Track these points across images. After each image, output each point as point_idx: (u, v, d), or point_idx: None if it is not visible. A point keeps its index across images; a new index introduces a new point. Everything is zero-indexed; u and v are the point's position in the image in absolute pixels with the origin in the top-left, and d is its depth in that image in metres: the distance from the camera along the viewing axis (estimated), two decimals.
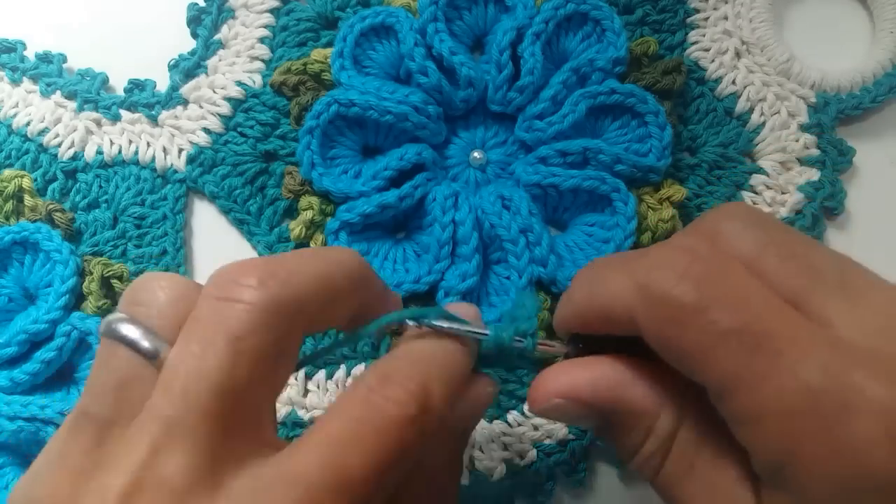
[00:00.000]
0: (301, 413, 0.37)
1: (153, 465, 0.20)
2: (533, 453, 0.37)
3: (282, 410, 0.37)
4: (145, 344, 0.22)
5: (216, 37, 0.42)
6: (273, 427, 0.23)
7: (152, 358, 0.22)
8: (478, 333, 0.25)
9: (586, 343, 0.26)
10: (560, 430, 0.37)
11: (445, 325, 0.25)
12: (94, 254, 0.39)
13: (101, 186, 0.41)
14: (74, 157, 0.41)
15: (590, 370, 0.25)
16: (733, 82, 0.41)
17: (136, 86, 0.42)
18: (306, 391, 0.38)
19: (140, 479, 0.20)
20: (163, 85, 0.42)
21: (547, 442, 0.37)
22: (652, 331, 0.23)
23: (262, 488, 0.20)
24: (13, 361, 0.37)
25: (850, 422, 0.20)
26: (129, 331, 0.22)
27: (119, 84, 0.42)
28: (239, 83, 0.41)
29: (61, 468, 0.21)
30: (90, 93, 0.41)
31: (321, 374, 0.38)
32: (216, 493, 0.20)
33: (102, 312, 0.38)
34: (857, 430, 0.20)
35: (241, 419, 0.21)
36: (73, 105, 0.41)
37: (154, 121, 0.41)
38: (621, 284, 0.23)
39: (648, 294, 0.22)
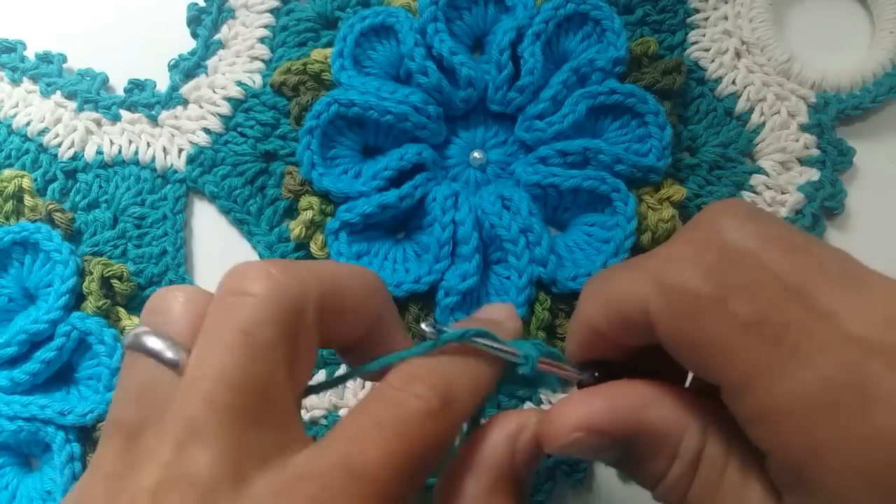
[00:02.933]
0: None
1: (179, 463, 0.20)
2: None
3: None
4: (168, 354, 0.22)
5: (216, 37, 0.42)
6: (298, 424, 0.23)
7: (174, 366, 0.22)
8: (509, 353, 0.25)
9: (600, 372, 0.25)
10: None
11: (481, 342, 0.24)
12: (94, 254, 0.39)
13: (101, 186, 0.41)
14: (74, 157, 0.41)
15: (606, 396, 0.24)
16: (733, 82, 0.41)
17: (136, 86, 0.42)
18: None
19: (167, 477, 0.20)
20: (163, 85, 0.42)
21: None
22: (667, 324, 0.22)
23: (283, 485, 0.20)
24: (13, 361, 0.37)
25: (872, 413, 0.20)
26: (153, 342, 0.22)
27: (119, 84, 0.42)
28: (239, 83, 0.41)
29: (96, 474, 0.21)
30: (90, 93, 0.41)
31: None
32: (240, 488, 0.20)
33: (102, 312, 0.38)
34: (879, 421, 0.19)
35: (262, 415, 0.21)
36: (73, 105, 0.41)
37: (154, 121, 0.41)
38: (634, 281, 0.23)
39: (663, 286, 0.22)
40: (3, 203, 0.39)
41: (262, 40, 0.42)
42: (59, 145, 0.41)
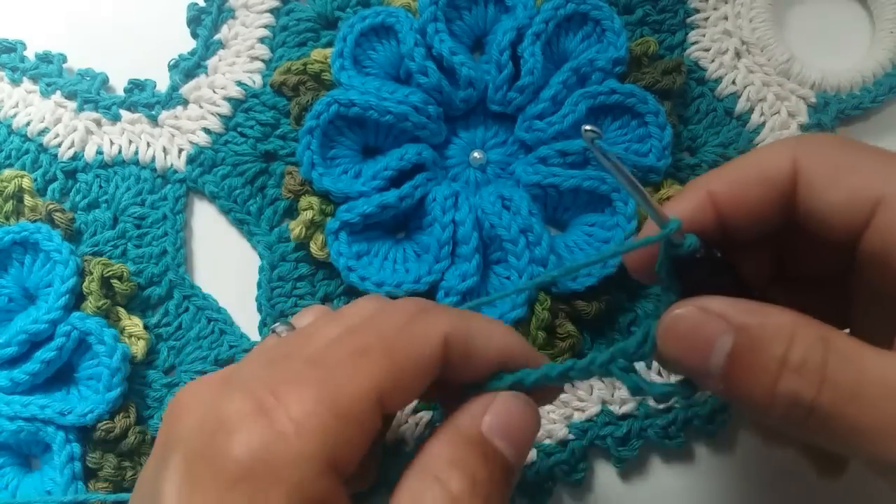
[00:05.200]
0: None
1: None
2: (533, 453, 0.37)
3: None
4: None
5: (216, 37, 0.42)
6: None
7: None
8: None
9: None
10: (560, 430, 0.37)
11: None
12: (94, 254, 0.39)
13: (101, 186, 0.41)
14: (74, 157, 0.41)
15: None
16: (733, 82, 0.41)
17: (136, 86, 0.42)
18: None
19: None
20: (163, 85, 0.42)
21: (547, 442, 0.37)
22: (822, 169, 0.25)
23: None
24: (13, 361, 0.37)
25: None
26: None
27: (119, 84, 0.42)
28: (239, 83, 0.41)
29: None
30: (90, 93, 0.41)
31: None
32: None
33: (102, 312, 0.38)
34: None
35: None
36: (73, 105, 0.41)
37: (154, 121, 0.41)
38: (779, 147, 0.26)
39: (814, 142, 0.26)
40: (3, 203, 0.39)
41: (262, 40, 0.42)
42: (59, 145, 0.41)
